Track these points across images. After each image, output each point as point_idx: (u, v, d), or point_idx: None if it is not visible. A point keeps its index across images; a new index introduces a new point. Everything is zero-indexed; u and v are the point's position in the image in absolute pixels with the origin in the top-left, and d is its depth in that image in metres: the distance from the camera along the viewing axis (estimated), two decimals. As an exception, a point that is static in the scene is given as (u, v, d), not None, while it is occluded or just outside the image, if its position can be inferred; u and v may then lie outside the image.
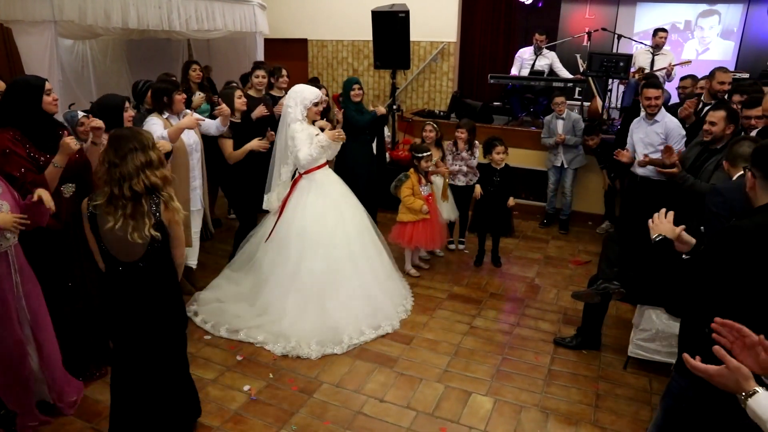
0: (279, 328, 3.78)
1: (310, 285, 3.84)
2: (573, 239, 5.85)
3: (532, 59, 7.10)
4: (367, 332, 3.87)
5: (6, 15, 5.55)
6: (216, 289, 4.26)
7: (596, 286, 3.51)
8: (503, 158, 4.85)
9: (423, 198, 4.69)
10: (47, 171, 2.92)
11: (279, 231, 4.05)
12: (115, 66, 7.53)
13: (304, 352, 3.63)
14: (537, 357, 3.69)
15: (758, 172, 1.89)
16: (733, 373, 1.36)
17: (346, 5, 8.01)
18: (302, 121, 3.97)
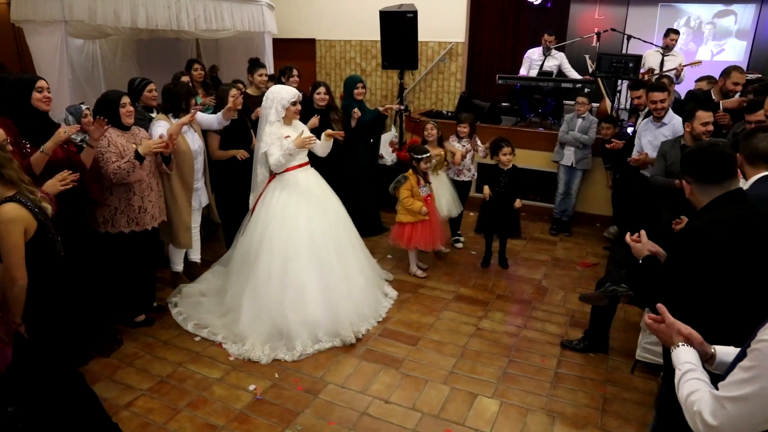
0: (238, 328, 3.76)
1: (267, 287, 3.78)
2: (581, 241, 5.82)
3: (540, 60, 7.06)
4: (324, 340, 3.74)
5: (18, 15, 5.59)
6: (202, 283, 4.34)
7: (604, 289, 3.47)
8: (510, 159, 4.83)
9: (422, 199, 4.68)
10: (33, 156, 3.01)
11: (246, 231, 4.08)
12: (124, 65, 7.55)
13: (256, 355, 3.57)
14: (544, 360, 3.66)
15: (691, 178, 2.11)
16: (668, 328, 1.63)
17: (354, 5, 8.02)
18: (277, 122, 3.92)
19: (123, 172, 3.43)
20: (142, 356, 3.57)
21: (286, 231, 3.85)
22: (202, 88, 5.89)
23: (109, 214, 3.56)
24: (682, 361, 1.54)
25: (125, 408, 3.06)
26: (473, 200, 6.51)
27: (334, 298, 3.88)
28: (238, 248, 4.10)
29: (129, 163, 3.44)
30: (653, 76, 6.31)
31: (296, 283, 3.79)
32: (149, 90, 4.47)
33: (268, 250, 3.84)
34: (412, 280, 4.80)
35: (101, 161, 3.41)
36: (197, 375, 3.38)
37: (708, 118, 3.76)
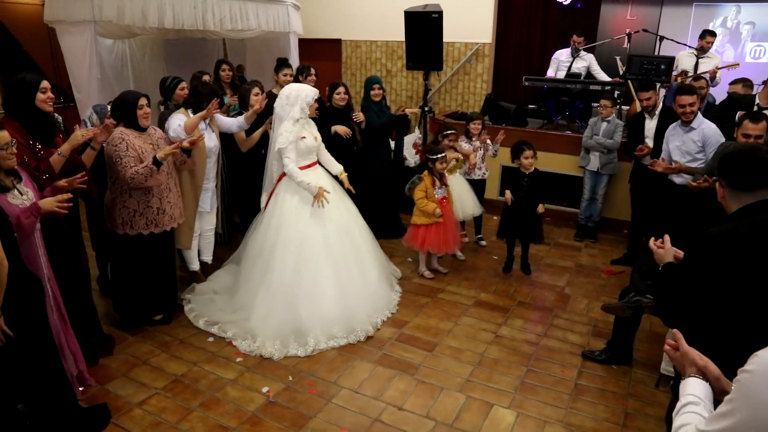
0: (249, 325, 3.79)
1: (279, 284, 3.81)
2: (606, 248, 5.66)
3: (568, 61, 6.91)
4: (338, 336, 3.78)
5: (50, 15, 5.71)
6: (215, 281, 4.36)
7: (628, 299, 3.36)
8: (532, 163, 4.73)
9: (437, 201, 4.61)
10: (52, 158, 3.05)
11: (259, 229, 4.09)
12: (153, 64, 7.66)
13: (267, 351, 3.61)
14: (564, 370, 3.56)
15: (724, 182, 2.04)
16: (681, 357, 1.55)
17: (380, 5, 7.98)
18: (300, 120, 3.95)
19: (140, 177, 3.44)
20: (158, 354, 3.59)
21: (299, 228, 3.90)
22: (230, 88, 5.92)
23: (127, 216, 3.58)
24: (687, 393, 1.46)
25: (138, 406, 3.08)
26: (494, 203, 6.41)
27: (349, 293, 3.94)
28: (251, 246, 4.12)
29: (146, 168, 3.45)
30: (686, 79, 6.11)
31: (309, 279, 3.84)
32: (181, 88, 4.56)
33: (282, 248, 3.87)
34: (431, 284, 4.73)
35: (118, 165, 3.43)
36: (211, 375, 3.38)
37: (753, 130, 3.56)
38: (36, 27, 6.75)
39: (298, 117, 3.93)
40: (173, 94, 4.69)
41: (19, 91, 3.06)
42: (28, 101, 3.06)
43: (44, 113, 3.13)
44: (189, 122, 3.87)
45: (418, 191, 4.61)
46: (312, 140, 4.05)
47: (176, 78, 4.85)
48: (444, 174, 4.74)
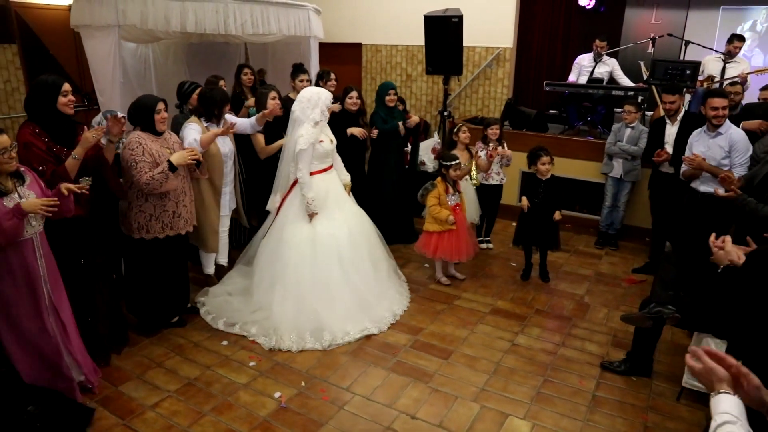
0: (270, 323, 3.84)
1: (295, 281, 3.88)
2: (628, 256, 5.55)
3: (591, 66, 6.80)
4: (351, 332, 3.88)
5: (76, 20, 5.81)
6: (227, 283, 4.36)
7: (648, 310, 3.26)
8: (549, 169, 4.65)
9: (449, 208, 4.57)
10: (67, 162, 3.07)
11: (274, 229, 4.12)
12: (175, 68, 7.75)
13: (285, 345, 3.69)
14: (581, 381, 3.48)
15: None
16: (708, 373, 1.48)
17: (400, 10, 7.97)
18: (321, 123, 4.01)
19: (155, 182, 3.46)
20: (172, 357, 3.60)
21: (314, 228, 3.97)
22: (251, 92, 5.95)
23: (144, 220, 3.60)
24: (721, 411, 1.38)
25: (151, 409, 3.09)
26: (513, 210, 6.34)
27: (363, 290, 4.07)
28: (265, 247, 4.13)
29: (162, 174, 3.46)
30: (712, 84, 5.97)
31: (325, 276, 3.92)
32: (197, 94, 4.55)
33: (297, 247, 3.93)
34: (448, 290, 4.68)
35: (134, 170, 3.45)
36: (224, 379, 3.38)
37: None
38: (62, 31, 6.89)
39: (318, 120, 3.97)
40: (189, 99, 4.72)
41: (40, 93, 3.10)
42: (49, 104, 3.11)
43: (65, 116, 3.18)
44: (205, 138, 3.85)
45: (431, 198, 4.58)
46: (328, 143, 4.10)
47: (194, 83, 4.89)
48: (458, 181, 4.70)
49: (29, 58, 6.96)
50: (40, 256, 2.85)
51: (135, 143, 3.46)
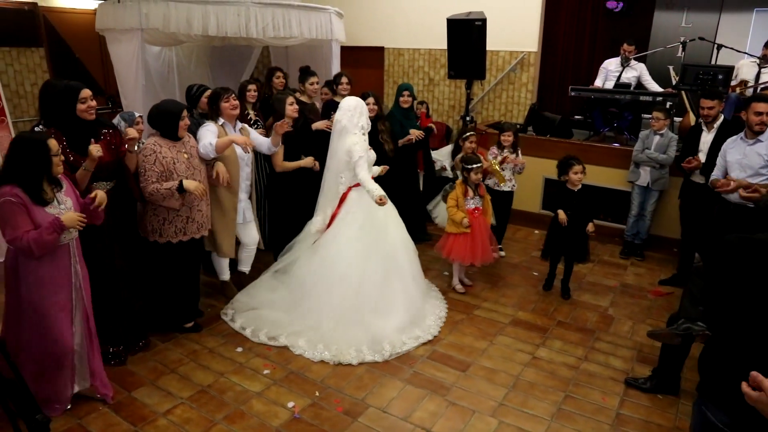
0: (319, 334, 3.77)
1: (352, 294, 3.82)
2: (654, 266, 5.38)
3: (618, 71, 6.64)
4: (408, 342, 3.86)
5: (101, 24, 5.89)
6: (252, 296, 4.26)
7: (677, 326, 3.13)
8: (581, 179, 4.46)
9: (466, 211, 4.47)
10: (78, 173, 3.07)
11: (326, 241, 4.04)
12: (198, 71, 7.80)
13: (345, 359, 3.63)
14: (604, 398, 3.35)
15: None
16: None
17: (423, 13, 7.90)
18: (364, 132, 4.00)
19: (159, 195, 3.43)
20: (187, 363, 3.57)
21: (371, 240, 3.96)
22: None
23: (157, 223, 3.59)
24: None
25: (163, 416, 3.05)
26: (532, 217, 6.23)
27: (414, 298, 4.10)
28: (314, 259, 4.03)
29: (168, 191, 3.44)
30: (746, 89, 5.77)
31: (380, 288, 3.90)
32: (206, 96, 4.52)
33: (351, 261, 3.88)
34: (467, 299, 4.58)
35: (142, 176, 3.44)
36: (238, 387, 3.34)
37: None
38: (88, 35, 6.97)
39: (365, 127, 4.00)
40: (198, 102, 4.69)
41: (60, 99, 3.08)
42: (69, 110, 3.10)
43: (85, 122, 3.17)
44: (221, 143, 3.80)
45: (449, 199, 4.55)
46: (372, 152, 4.13)
47: (202, 86, 4.85)
48: (480, 185, 4.61)
49: (56, 61, 7.06)
50: (75, 261, 2.86)
51: (149, 150, 3.45)
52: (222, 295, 4.46)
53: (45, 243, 2.60)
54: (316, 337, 3.78)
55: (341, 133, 4.01)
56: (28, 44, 6.74)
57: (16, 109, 6.53)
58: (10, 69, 6.64)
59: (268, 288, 4.28)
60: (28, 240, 2.56)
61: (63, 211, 2.71)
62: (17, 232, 2.55)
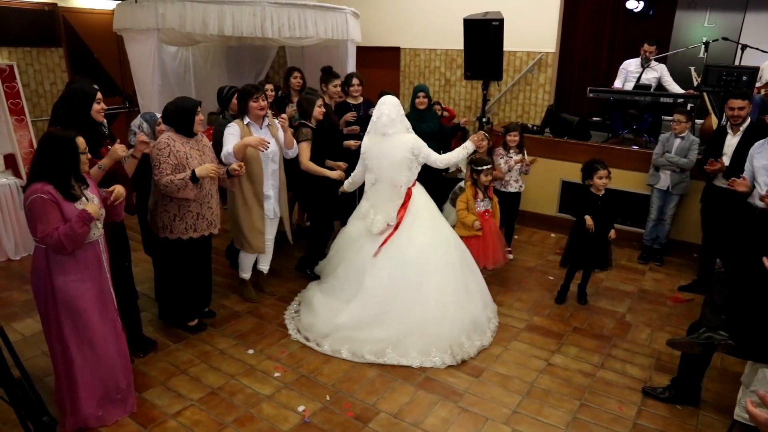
0: (423, 340, 3.68)
1: (429, 299, 3.72)
2: (674, 272, 5.26)
3: (638, 72, 6.51)
4: (475, 339, 3.86)
5: (119, 24, 5.94)
6: (323, 321, 3.92)
7: (698, 335, 3.03)
8: (605, 183, 4.30)
9: (477, 214, 4.41)
10: (92, 170, 3.06)
11: (398, 248, 3.85)
12: (214, 71, 7.83)
13: (430, 362, 3.62)
14: (621, 407, 3.27)
15: None
16: None
17: (439, 13, 7.83)
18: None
19: (173, 186, 3.43)
20: (198, 364, 3.56)
21: (436, 239, 3.91)
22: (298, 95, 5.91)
23: (168, 220, 3.59)
24: None
25: (173, 417, 3.04)
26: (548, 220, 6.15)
27: (474, 298, 4.00)
28: (385, 265, 3.84)
29: (182, 181, 3.43)
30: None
31: (452, 289, 3.82)
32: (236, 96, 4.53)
33: (432, 262, 3.81)
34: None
35: (156, 169, 3.45)
36: (248, 390, 3.31)
37: None
38: (106, 35, 7.02)
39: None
40: (230, 103, 4.73)
41: (77, 100, 3.14)
42: (84, 111, 3.15)
43: (95, 123, 3.22)
44: (237, 149, 3.79)
45: (459, 202, 4.50)
46: None
47: (233, 87, 4.87)
48: (490, 187, 4.55)
49: (74, 61, 7.13)
50: (105, 259, 2.88)
51: (163, 144, 3.45)
52: (238, 295, 4.46)
53: (76, 236, 2.61)
54: (424, 343, 3.67)
55: (387, 135, 3.86)
56: (47, 44, 6.81)
57: (35, 108, 6.60)
58: (30, 69, 6.71)
59: (332, 309, 3.97)
60: (59, 235, 2.57)
61: None
62: (48, 228, 2.57)
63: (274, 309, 4.33)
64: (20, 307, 4.27)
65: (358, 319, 3.78)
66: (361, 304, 3.81)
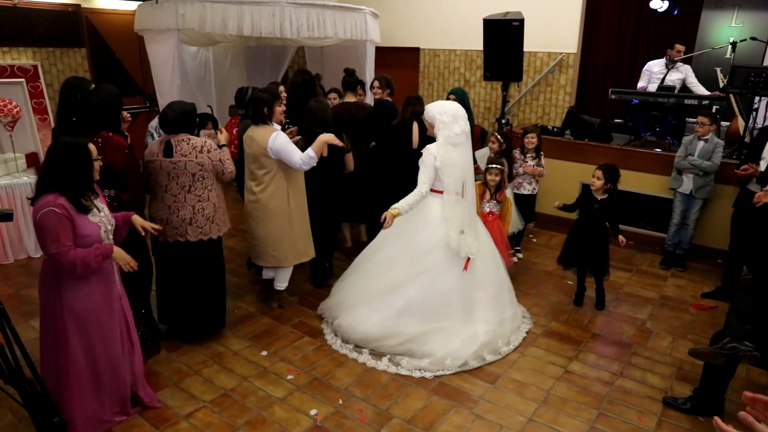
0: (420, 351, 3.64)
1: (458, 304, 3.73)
2: (697, 278, 5.13)
3: (662, 73, 6.38)
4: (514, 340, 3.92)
5: (140, 24, 6.00)
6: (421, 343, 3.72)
7: (722, 345, 2.94)
8: (593, 183, 4.28)
9: (481, 214, 4.38)
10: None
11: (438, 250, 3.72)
12: (234, 71, 7.89)
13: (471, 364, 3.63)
14: (641, 417, 3.19)
15: None
16: None
17: (459, 14, 7.77)
18: None
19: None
20: (211, 365, 3.55)
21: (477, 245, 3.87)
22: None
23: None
24: None
25: (185, 419, 3.04)
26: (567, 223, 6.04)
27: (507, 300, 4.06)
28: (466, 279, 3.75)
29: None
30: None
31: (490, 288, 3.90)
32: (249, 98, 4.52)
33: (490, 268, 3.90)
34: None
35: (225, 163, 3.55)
36: (260, 392, 3.30)
37: None
38: (128, 35, 7.10)
39: None
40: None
41: (111, 106, 3.20)
42: (116, 116, 3.24)
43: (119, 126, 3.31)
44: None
45: None
46: None
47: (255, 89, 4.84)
48: (502, 190, 4.53)
49: (97, 61, 7.23)
50: (116, 269, 2.82)
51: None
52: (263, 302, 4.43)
53: (90, 267, 2.53)
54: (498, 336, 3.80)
55: (456, 145, 3.63)
56: (70, 44, 6.91)
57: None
58: (54, 69, 6.81)
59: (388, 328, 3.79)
60: (74, 258, 2.47)
61: (103, 218, 2.68)
62: (62, 247, 2.45)
63: (289, 310, 4.32)
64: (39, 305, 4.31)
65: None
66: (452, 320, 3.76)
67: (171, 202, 3.50)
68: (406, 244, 3.78)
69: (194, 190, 3.49)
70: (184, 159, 3.42)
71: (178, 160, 3.42)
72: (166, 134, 3.48)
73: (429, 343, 3.64)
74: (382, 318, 3.72)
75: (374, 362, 3.61)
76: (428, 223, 3.72)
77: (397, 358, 3.63)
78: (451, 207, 3.64)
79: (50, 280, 2.62)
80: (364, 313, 3.80)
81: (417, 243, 3.74)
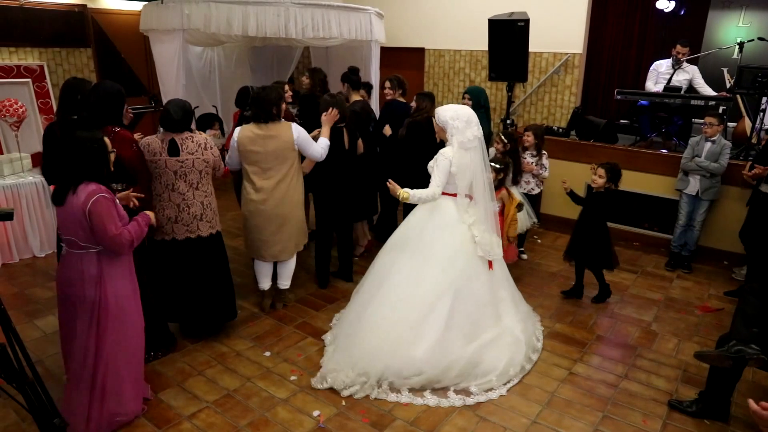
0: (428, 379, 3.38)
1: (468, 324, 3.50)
2: (703, 280, 5.09)
3: (669, 73, 6.34)
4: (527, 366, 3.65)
5: (145, 24, 6.00)
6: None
7: (728, 348, 2.92)
8: (593, 179, 4.34)
9: None
10: None
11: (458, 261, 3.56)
12: (239, 71, 7.88)
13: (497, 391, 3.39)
14: (645, 420, 3.16)
15: None
16: None
17: (464, 14, 7.75)
18: None
19: None
20: (214, 366, 3.55)
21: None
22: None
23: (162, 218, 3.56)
24: None
25: (188, 419, 3.04)
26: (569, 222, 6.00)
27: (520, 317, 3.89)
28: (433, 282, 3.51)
29: None
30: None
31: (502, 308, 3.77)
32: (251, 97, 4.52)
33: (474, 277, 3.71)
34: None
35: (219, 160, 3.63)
36: (264, 393, 3.29)
37: None
38: (133, 35, 7.11)
39: None
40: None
41: (115, 101, 3.23)
42: (119, 112, 3.27)
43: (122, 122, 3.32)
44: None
45: None
46: None
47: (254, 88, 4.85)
48: (505, 188, 4.52)
49: (103, 61, 7.24)
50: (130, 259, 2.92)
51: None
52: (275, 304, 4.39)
53: (141, 237, 2.77)
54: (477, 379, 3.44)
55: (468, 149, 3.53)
56: (76, 44, 6.92)
57: (63, 107, 6.71)
58: (60, 69, 6.82)
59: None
60: (130, 233, 2.67)
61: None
62: (119, 228, 2.63)
63: (292, 311, 4.32)
64: (44, 304, 4.33)
65: None
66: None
67: (179, 201, 3.50)
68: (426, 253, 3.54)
69: (201, 187, 3.55)
70: (191, 157, 3.45)
71: (186, 159, 3.44)
72: (168, 133, 3.47)
73: (485, 358, 3.45)
74: (428, 348, 3.36)
75: (441, 401, 3.27)
76: (446, 225, 3.57)
77: (462, 384, 3.37)
78: (465, 209, 3.60)
79: (92, 280, 2.65)
80: (405, 350, 3.37)
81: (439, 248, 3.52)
